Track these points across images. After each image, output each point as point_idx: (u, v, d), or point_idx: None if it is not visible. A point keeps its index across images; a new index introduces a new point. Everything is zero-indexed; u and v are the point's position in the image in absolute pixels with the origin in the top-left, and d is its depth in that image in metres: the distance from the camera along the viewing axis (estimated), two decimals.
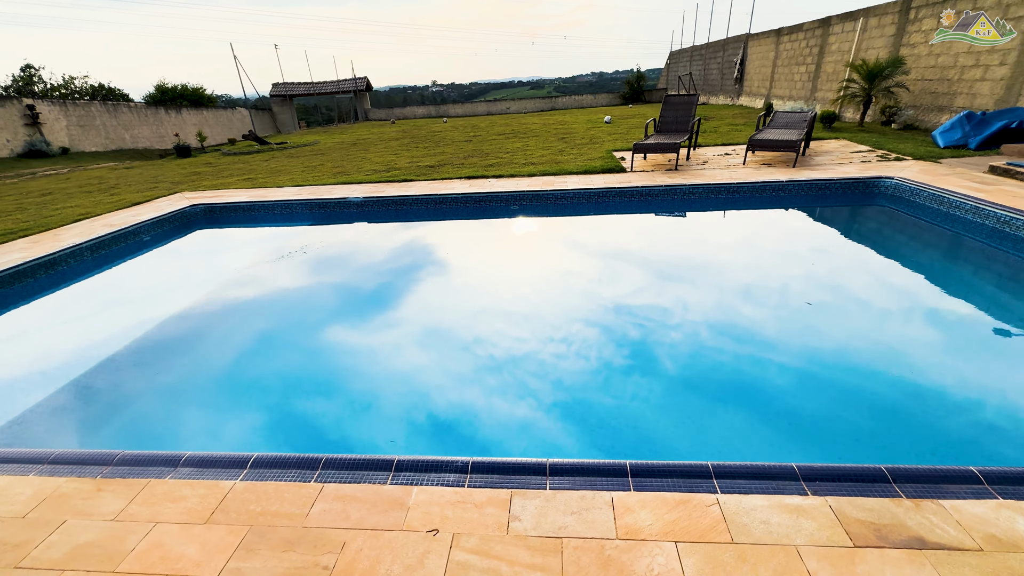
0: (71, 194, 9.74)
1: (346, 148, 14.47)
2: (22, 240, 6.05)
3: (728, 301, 4.11)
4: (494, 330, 3.86)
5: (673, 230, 6.30)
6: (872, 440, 2.48)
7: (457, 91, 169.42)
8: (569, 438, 2.55)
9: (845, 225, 6.06)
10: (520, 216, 6.73)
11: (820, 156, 7.93)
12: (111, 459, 2.12)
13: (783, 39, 16.11)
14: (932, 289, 4.25)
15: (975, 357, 3.20)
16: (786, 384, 2.97)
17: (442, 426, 2.80)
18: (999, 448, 2.40)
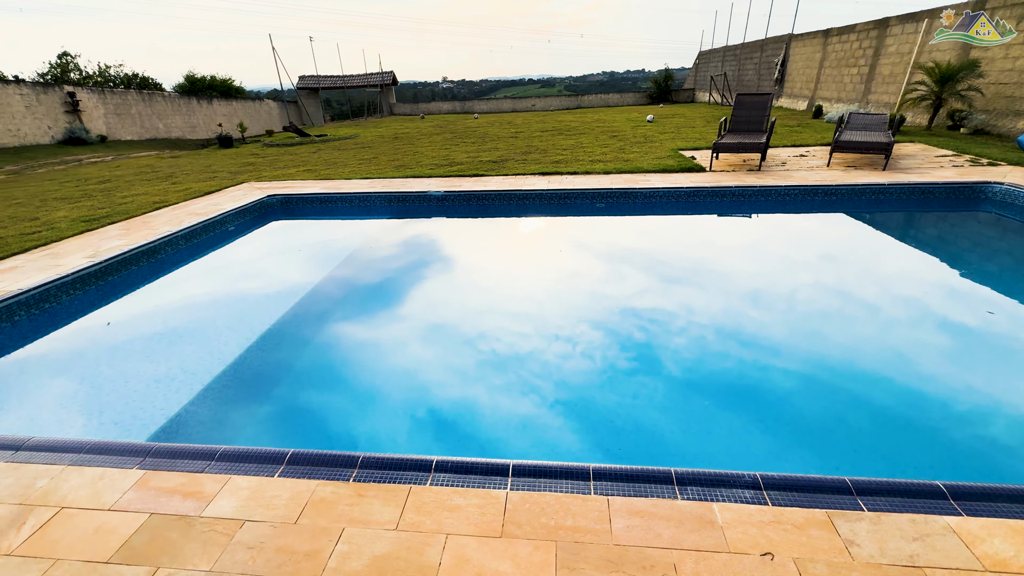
0: (130, 182, 9.69)
1: (389, 141, 14.37)
2: (111, 227, 5.97)
3: (843, 306, 3.97)
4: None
5: (771, 232, 6.13)
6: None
7: (468, 88, 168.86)
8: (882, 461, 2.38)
9: (952, 231, 5.88)
10: (606, 214, 6.59)
11: (904, 160, 7.72)
12: (355, 461, 2.01)
13: (831, 40, 15.83)
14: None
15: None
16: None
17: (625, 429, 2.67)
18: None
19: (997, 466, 2.36)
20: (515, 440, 2.69)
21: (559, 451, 2.56)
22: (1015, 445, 2.46)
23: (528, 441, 2.67)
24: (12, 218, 6.84)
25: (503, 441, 2.68)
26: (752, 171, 7.48)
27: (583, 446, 2.58)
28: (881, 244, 5.50)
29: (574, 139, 12.34)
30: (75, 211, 7.05)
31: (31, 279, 4.20)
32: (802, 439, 2.57)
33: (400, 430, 2.85)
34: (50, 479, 1.98)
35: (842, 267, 4.84)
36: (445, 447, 2.71)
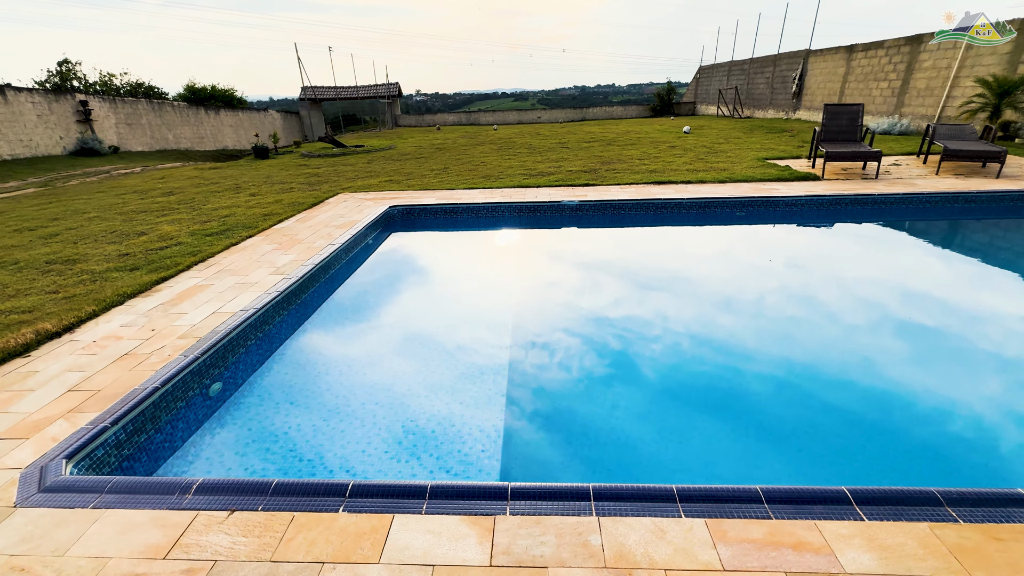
0: (197, 194, 9.08)
1: (435, 153, 14.08)
2: (252, 242, 5.48)
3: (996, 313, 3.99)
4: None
5: (920, 241, 6.17)
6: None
7: (441, 101, 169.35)
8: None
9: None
10: (746, 223, 6.52)
11: (995, 167, 7.99)
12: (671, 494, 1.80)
13: (856, 55, 16.52)
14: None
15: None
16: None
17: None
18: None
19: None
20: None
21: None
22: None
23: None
24: (116, 233, 6.28)
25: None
26: (867, 179, 7.60)
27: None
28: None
29: (635, 149, 12.37)
30: (179, 225, 6.54)
31: (243, 299, 3.79)
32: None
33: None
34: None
35: (996, 276, 4.89)
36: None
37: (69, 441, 2.23)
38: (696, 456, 2.74)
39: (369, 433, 2.94)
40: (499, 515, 1.76)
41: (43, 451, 2.19)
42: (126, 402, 2.51)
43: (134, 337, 3.23)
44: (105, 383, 2.71)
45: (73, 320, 3.45)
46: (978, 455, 2.66)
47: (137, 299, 3.92)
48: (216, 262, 4.77)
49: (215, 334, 3.20)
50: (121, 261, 5.05)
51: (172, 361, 2.89)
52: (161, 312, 3.62)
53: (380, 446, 2.85)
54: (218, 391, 3.12)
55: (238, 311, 3.54)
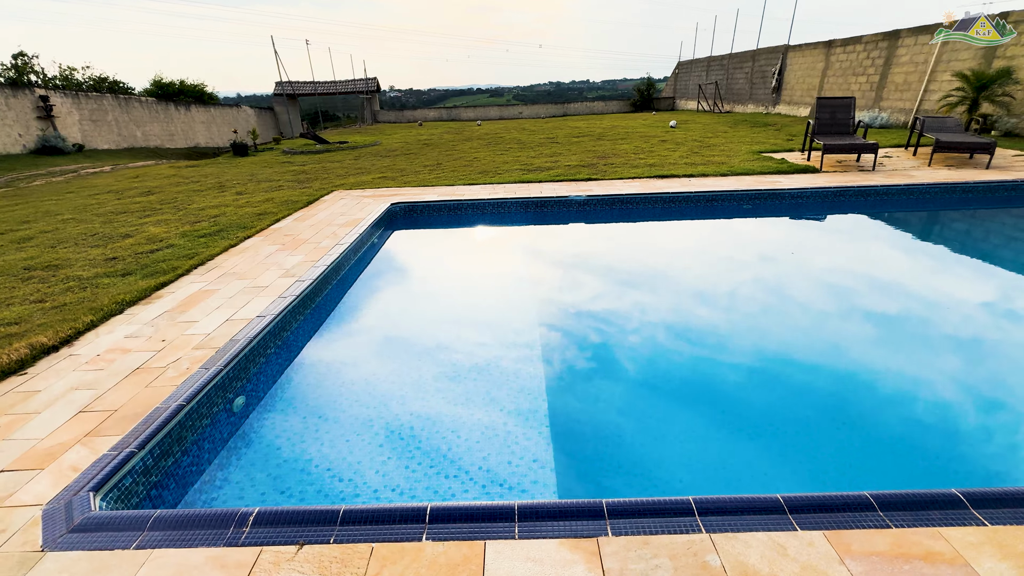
0: (179, 193, 8.59)
1: (423, 148, 13.75)
2: (252, 243, 5.16)
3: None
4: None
5: (924, 231, 6.27)
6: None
7: (416, 97, 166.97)
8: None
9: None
10: (751, 216, 6.52)
11: (985, 158, 8.22)
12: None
13: (835, 50, 16.87)
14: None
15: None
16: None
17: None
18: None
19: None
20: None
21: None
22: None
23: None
24: (97, 235, 5.85)
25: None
26: (864, 171, 7.71)
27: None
28: None
29: (627, 144, 12.33)
30: (167, 226, 6.14)
31: (256, 304, 3.52)
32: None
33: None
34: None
35: (1001, 266, 5.00)
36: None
37: (93, 470, 1.98)
38: (731, 453, 2.65)
39: (409, 446, 2.75)
40: (601, 536, 1.62)
41: (64, 483, 1.93)
42: (150, 423, 2.26)
43: (143, 349, 2.95)
44: (120, 402, 2.45)
45: (70, 332, 3.14)
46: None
47: (137, 307, 3.61)
48: (217, 265, 4.46)
49: (234, 343, 2.95)
50: (109, 266, 4.69)
51: (193, 375, 2.63)
52: (168, 321, 3.33)
53: (423, 460, 2.67)
54: (241, 406, 2.88)
55: (254, 318, 3.29)
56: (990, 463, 2.55)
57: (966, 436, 2.70)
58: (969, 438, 2.69)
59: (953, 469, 2.53)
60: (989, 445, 2.64)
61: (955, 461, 2.56)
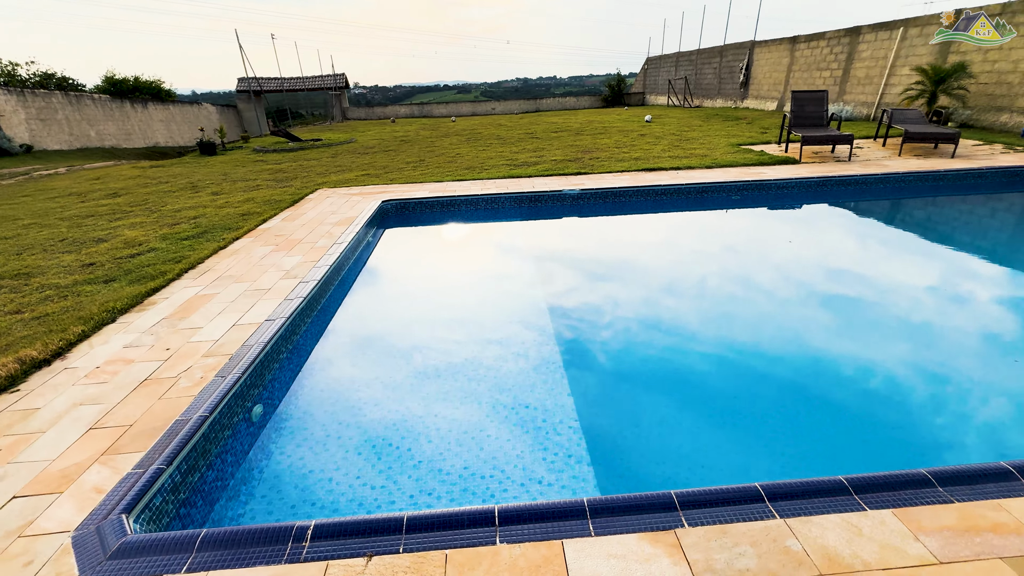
0: (151, 195, 8.12)
1: (401, 145, 13.47)
2: (241, 244, 4.91)
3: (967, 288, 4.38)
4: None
5: (906, 217, 6.54)
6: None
7: (382, 93, 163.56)
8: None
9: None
10: (739, 207, 6.66)
11: (948, 147, 8.66)
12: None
13: (799, 46, 17.45)
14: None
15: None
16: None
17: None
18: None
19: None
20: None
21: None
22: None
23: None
24: (67, 241, 5.46)
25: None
26: (840, 161, 7.99)
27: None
28: (994, 223, 6.11)
29: (607, 138, 12.42)
30: (143, 229, 5.79)
31: (262, 308, 3.34)
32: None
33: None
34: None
35: (977, 248, 5.30)
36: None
37: (120, 491, 1.83)
38: (731, 440, 2.70)
39: (438, 448, 2.68)
40: (678, 528, 1.60)
41: (89, 507, 1.78)
42: (172, 436, 2.11)
43: (148, 359, 2.76)
44: (135, 416, 2.28)
45: (62, 344, 2.90)
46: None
47: (131, 315, 3.38)
48: (210, 268, 4.23)
49: (248, 349, 2.80)
50: (88, 272, 4.38)
51: (210, 384, 2.48)
52: (168, 328, 3.13)
53: (456, 462, 2.60)
54: (260, 415, 2.73)
55: (263, 321, 3.12)
56: (995, 441, 2.67)
57: (968, 414, 2.83)
58: (971, 416, 2.82)
59: (961, 444, 2.64)
60: (986, 424, 2.77)
61: (959, 439, 2.68)
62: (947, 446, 2.62)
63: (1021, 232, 5.61)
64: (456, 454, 2.67)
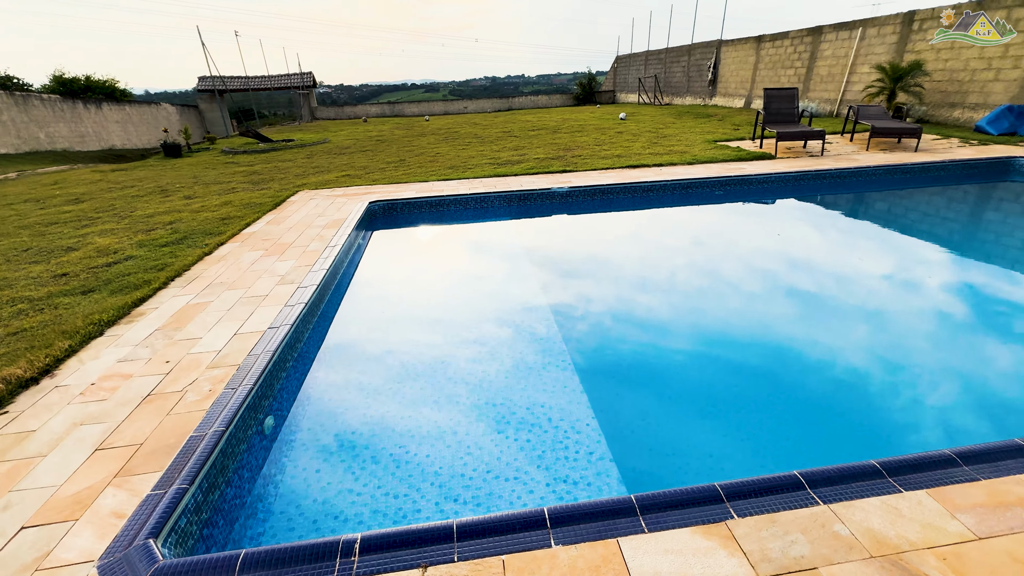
0: (118, 199, 7.70)
1: (379, 145, 13.23)
2: (226, 249, 4.71)
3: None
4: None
5: (879, 210, 6.84)
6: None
7: (348, 93, 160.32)
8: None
9: (1002, 197, 7.04)
10: (722, 202, 6.83)
11: (910, 141, 9.10)
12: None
13: (765, 45, 18.01)
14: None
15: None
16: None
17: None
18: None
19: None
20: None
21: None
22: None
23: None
24: (32, 250, 5.12)
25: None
26: (813, 156, 8.29)
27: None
28: (966, 212, 6.47)
29: (585, 136, 12.52)
30: (116, 236, 5.49)
31: (262, 315, 3.21)
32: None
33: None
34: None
35: (960, 238, 5.62)
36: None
37: (142, 514, 1.72)
38: (716, 428, 2.78)
39: (457, 452, 2.64)
40: (728, 520, 1.62)
41: (111, 533, 1.67)
42: (189, 453, 2.00)
43: (148, 373, 2.61)
44: (144, 434, 2.15)
45: (48, 361, 2.71)
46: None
47: (119, 327, 3.19)
48: (197, 275, 4.04)
49: (255, 358, 2.68)
50: (62, 283, 4.12)
51: (221, 396, 2.36)
52: (164, 339, 2.97)
53: (478, 466, 2.57)
54: (272, 427, 2.63)
55: (267, 329, 3.00)
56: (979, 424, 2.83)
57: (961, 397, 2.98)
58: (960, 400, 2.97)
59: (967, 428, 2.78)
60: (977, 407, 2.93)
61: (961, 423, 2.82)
62: (961, 429, 2.75)
63: (988, 219, 5.96)
64: (476, 457, 2.64)
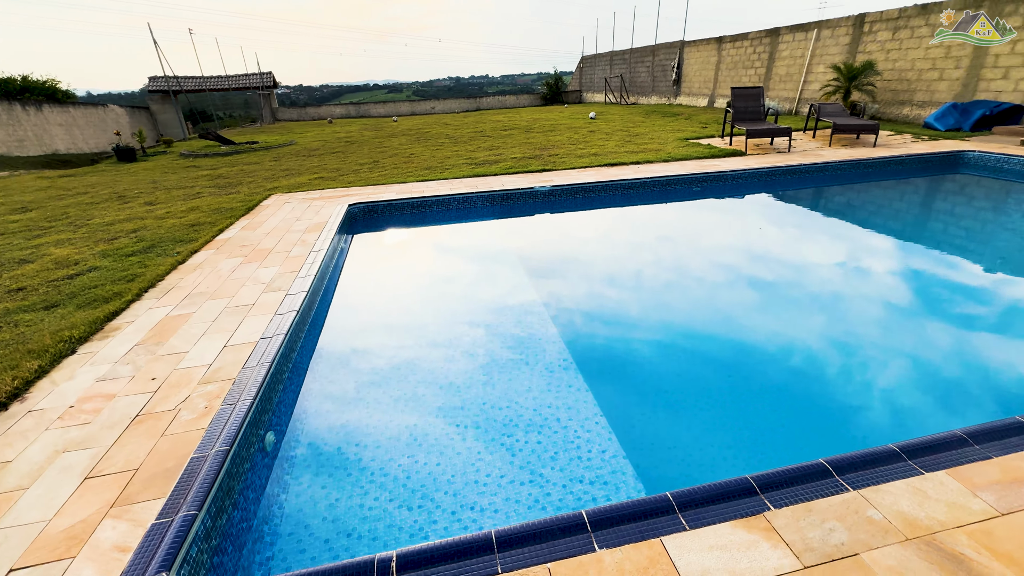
0: (72, 206, 7.18)
1: (349, 146, 12.89)
2: (201, 257, 4.45)
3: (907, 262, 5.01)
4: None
5: (846, 202, 7.14)
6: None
7: (308, 94, 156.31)
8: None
9: (952, 188, 7.48)
10: (699, 197, 6.98)
11: (867, 137, 9.57)
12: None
13: (725, 46, 18.59)
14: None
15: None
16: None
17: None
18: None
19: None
20: None
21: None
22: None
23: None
24: None
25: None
26: (781, 153, 8.60)
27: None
28: (918, 203, 6.85)
29: (558, 135, 12.58)
30: (75, 247, 5.12)
31: (251, 325, 3.03)
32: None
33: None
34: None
35: (919, 226, 5.95)
36: None
37: (150, 546, 1.58)
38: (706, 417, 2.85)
39: (468, 459, 2.57)
40: (766, 511, 1.63)
41: (116, 569, 1.52)
42: (193, 476, 1.86)
43: (133, 392, 2.42)
44: (137, 458, 1.99)
45: (17, 384, 2.48)
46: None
47: (92, 343, 2.95)
48: (173, 285, 3.80)
49: (251, 371, 2.53)
50: (20, 298, 3.79)
51: (219, 413, 2.21)
52: (146, 355, 2.77)
53: (491, 471, 2.51)
54: (273, 443, 2.48)
55: (259, 340, 2.85)
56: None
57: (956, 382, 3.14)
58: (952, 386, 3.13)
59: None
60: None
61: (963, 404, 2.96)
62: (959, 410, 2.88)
63: (946, 208, 6.32)
64: (488, 463, 2.58)
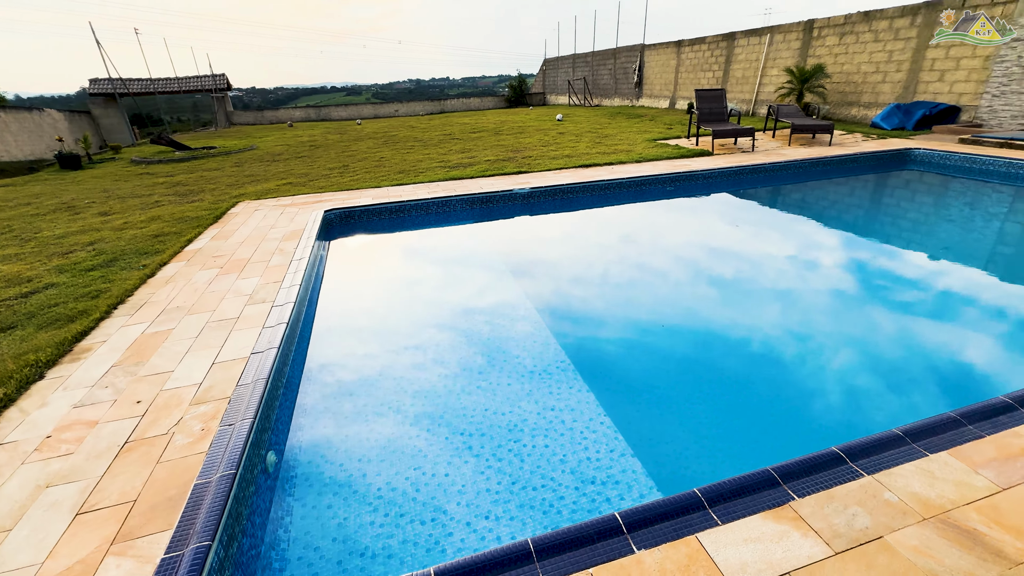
0: (17, 218, 6.63)
1: (314, 150, 12.52)
2: (171, 267, 4.20)
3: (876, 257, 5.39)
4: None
5: (809, 198, 7.48)
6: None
7: (261, 96, 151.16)
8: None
9: (902, 184, 7.96)
10: (673, 196, 7.16)
11: (822, 136, 10.09)
12: None
13: (684, 49, 19.19)
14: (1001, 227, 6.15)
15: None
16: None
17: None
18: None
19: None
20: None
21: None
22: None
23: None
24: None
25: None
26: (745, 152, 8.94)
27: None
28: (878, 195, 7.28)
29: (528, 138, 12.64)
30: (24, 262, 4.73)
31: (239, 340, 2.88)
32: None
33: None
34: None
35: (879, 218, 6.32)
36: None
37: None
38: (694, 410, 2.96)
39: (477, 467, 2.53)
40: (791, 501, 1.67)
41: None
42: (199, 504, 1.74)
43: (118, 417, 2.25)
44: (134, 488, 1.84)
45: None
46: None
47: (61, 367, 2.73)
48: (146, 301, 3.57)
49: (246, 388, 2.40)
50: None
51: (219, 434, 2.08)
52: (126, 377, 2.58)
53: (501, 479, 2.48)
54: (275, 463, 2.36)
55: (250, 355, 2.70)
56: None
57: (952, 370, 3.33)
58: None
59: None
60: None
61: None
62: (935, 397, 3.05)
63: (902, 200, 6.74)
64: (498, 470, 2.55)
